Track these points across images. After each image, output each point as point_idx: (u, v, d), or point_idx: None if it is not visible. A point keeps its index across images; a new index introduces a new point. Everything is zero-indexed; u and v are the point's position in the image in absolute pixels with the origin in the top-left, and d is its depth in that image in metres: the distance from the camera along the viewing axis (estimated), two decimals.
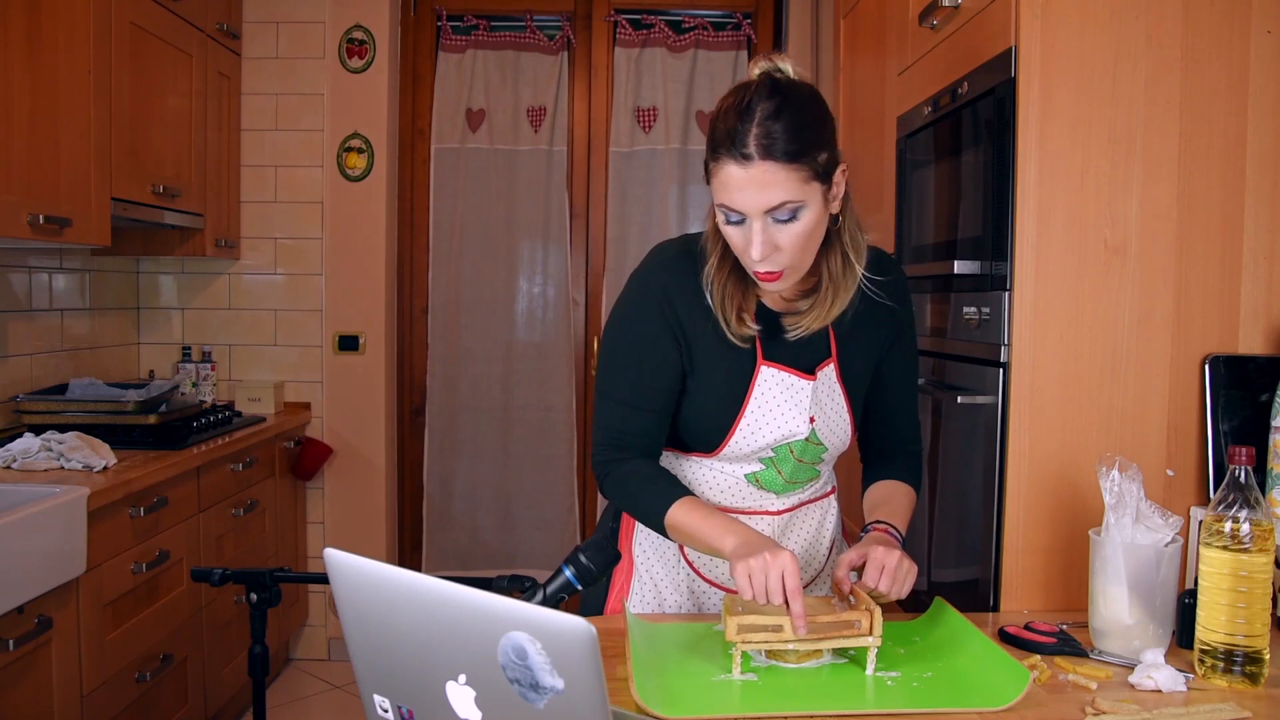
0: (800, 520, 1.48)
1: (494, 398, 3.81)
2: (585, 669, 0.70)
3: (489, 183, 3.77)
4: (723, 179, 1.22)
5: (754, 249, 1.22)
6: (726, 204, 1.23)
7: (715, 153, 1.23)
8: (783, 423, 1.37)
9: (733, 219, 1.24)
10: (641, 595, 1.48)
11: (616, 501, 1.43)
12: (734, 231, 1.25)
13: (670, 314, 1.35)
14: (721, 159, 1.21)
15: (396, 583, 0.79)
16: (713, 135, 1.24)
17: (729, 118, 1.22)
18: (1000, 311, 1.55)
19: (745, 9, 3.79)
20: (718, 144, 1.22)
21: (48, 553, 1.96)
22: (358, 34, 3.52)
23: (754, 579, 1.20)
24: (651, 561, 1.49)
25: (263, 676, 1.86)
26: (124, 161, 2.66)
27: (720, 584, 1.47)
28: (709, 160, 1.25)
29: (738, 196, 1.21)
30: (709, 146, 1.25)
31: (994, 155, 1.58)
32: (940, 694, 1.16)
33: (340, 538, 3.59)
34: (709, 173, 1.25)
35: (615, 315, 1.40)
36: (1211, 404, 1.50)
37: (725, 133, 1.21)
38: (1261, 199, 1.51)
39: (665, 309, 1.35)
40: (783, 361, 1.37)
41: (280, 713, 3.17)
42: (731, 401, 1.37)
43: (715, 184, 1.24)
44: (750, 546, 1.23)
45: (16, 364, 2.78)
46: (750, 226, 1.22)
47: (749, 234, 1.23)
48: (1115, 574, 1.29)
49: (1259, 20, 1.50)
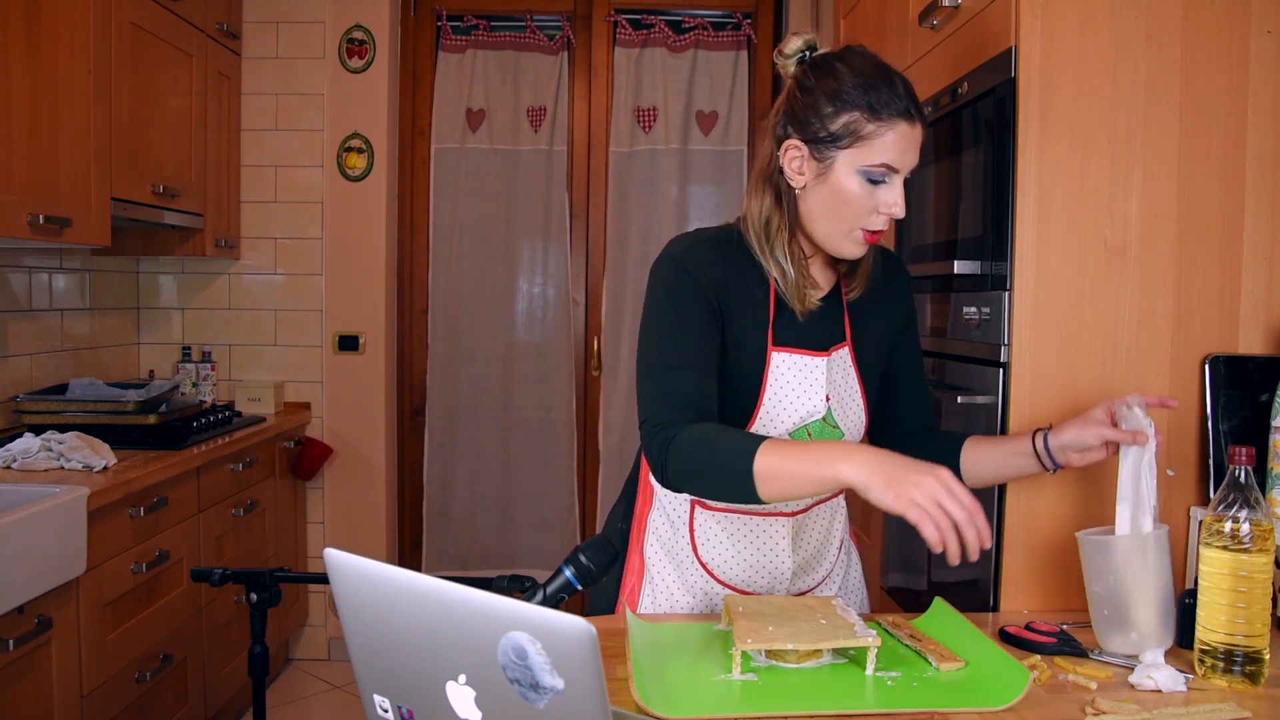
0: (813, 521, 1.49)
1: (494, 398, 3.81)
2: (585, 669, 0.70)
3: (489, 183, 3.77)
4: (891, 138, 1.27)
5: (899, 207, 1.29)
6: (888, 162, 1.28)
7: (879, 113, 1.26)
8: (800, 404, 1.38)
9: (877, 178, 1.28)
10: (653, 597, 1.48)
11: (685, 466, 1.25)
12: (869, 193, 1.29)
13: (707, 288, 1.35)
14: (893, 119, 1.26)
15: (396, 583, 0.79)
16: (863, 97, 1.27)
17: (877, 82, 1.27)
18: (1000, 311, 1.55)
19: (745, 9, 3.79)
20: (882, 105, 1.26)
21: (48, 553, 1.96)
22: (358, 34, 3.52)
23: (932, 514, 1.07)
24: (664, 564, 1.48)
25: (263, 676, 1.86)
26: (124, 161, 2.66)
27: (734, 585, 1.46)
28: (863, 122, 1.27)
29: (901, 155, 1.28)
30: (861, 108, 1.27)
31: (994, 155, 1.58)
32: (940, 694, 1.16)
33: (340, 538, 3.59)
34: (857, 135, 1.27)
35: (653, 296, 1.37)
36: (1211, 404, 1.50)
37: (889, 94, 1.26)
38: (1261, 199, 1.51)
39: (702, 283, 1.35)
40: (793, 345, 1.38)
41: (280, 713, 3.17)
42: (748, 391, 1.38)
43: (876, 144, 1.27)
44: (884, 471, 1.11)
45: (16, 364, 2.78)
46: (894, 186, 1.29)
47: (893, 193, 1.29)
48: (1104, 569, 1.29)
49: (1259, 20, 1.50)
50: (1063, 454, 1.35)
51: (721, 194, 3.81)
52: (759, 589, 1.46)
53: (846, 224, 1.32)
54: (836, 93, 1.28)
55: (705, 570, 1.46)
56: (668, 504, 1.47)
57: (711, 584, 1.46)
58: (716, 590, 1.47)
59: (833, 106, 1.28)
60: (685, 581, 1.47)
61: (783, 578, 1.46)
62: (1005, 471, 1.42)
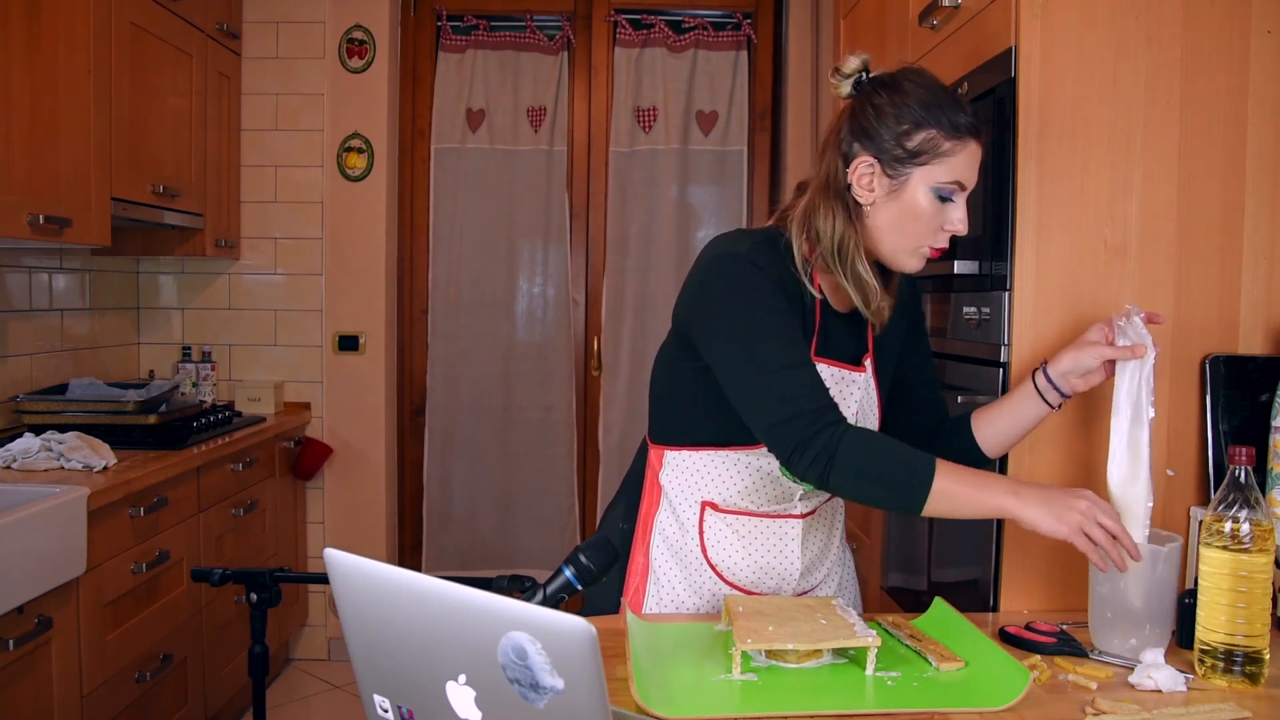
0: (819, 521, 1.50)
1: (494, 398, 3.81)
2: (585, 669, 0.70)
3: (489, 183, 3.77)
4: (964, 157, 1.30)
5: (964, 224, 1.32)
6: (961, 180, 1.31)
7: (958, 132, 1.29)
8: None
9: (946, 195, 1.31)
10: (658, 598, 1.48)
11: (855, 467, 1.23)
12: (938, 210, 1.31)
13: (781, 285, 1.34)
14: (967, 138, 1.30)
15: (396, 583, 0.79)
16: (943, 117, 1.29)
17: (949, 103, 1.30)
18: (1000, 311, 1.55)
19: (745, 9, 3.79)
20: (960, 125, 1.29)
21: (48, 553, 1.96)
22: (358, 34, 3.52)
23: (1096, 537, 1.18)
24: (669, 565, 1.48)
25: (263, 676, 1.86)
26: (124, 161, 2.66)
27: (742, 586, 1.46)
28: (940, 140, 1.29)
29: (971, 172, 1.32)
30: (939, 126, 1.29)
31: (994, 155, 1.58)
32: (940, 694, 1.16)
33: (340, 538, 3.59)
34: (934, 153, 1.29)
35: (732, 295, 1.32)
36: (1211, 404, 1.50)
37: (961, 114, 1.30)
38: (1261, 199, 1.51)
39: (776, 280, 1.33)
40: (832, 357, 1.40)
41: (280, 713, 3.17)
42: None
43: (951, 162, 1.29)
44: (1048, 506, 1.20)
45: (16, 364, 2.78)
46: (960, 204, 1.32)
47: (960, 210, 1.32)
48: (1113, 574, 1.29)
49: (1259, 20, 1.50)
50: (1065, 381, 1.36)
51: (721, 194, 3.81)
52: (767, 589, 1.46)
53: (914, 240, 1.33)
54: (913, 111, 1.30)
55: (714, 571, 1.46)
56: (677, 503, 1.47)
57: (719, 585, 1.47)
58: (724, 591, 1.47)
59: (910, 124, 1.29)
60: (691, 583, 1.47)
61: (791, 578, 1.47)
62: (1018, 422, 1.42)
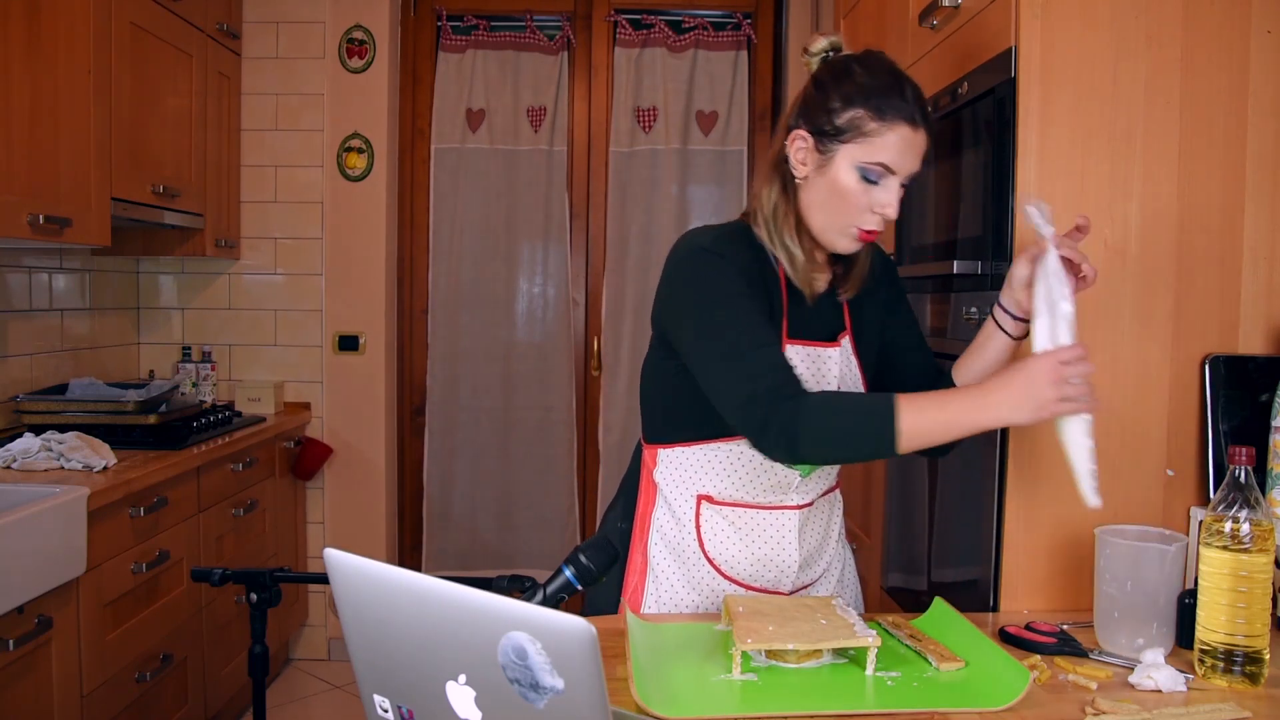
0: (816, 513, 1.50)
1: (494, 398, 3.81)
2: (585, 669, 0.70)
3: (489, 183, 3.77)
4: (890, 139, 1.30)
5: (894, 209, 1.32)
6: (885, 162, 1.31)
7: (883, 113, 1.30)
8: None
9: (873, 177, 1.31)
10: (657, 596, 1.48)
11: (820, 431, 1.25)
12: (864, 191, 1.32)
13: (744, 270, 1.37)
14: (894, 120, 1.30)
15: (396, 583, 0.79)
16: (870, 96, 1.30)
17: (886, 84, 1.31)
18: None
19: (745, 9, 3.79)
20: (886, 105, 1.30)
21: (48, 553, 1.96)
22: (358, 34, 3.52)
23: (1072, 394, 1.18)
24: (668, 562, 1.48)
25: (263, 676, 1.86)
26: (124, 161, 2.66)
27: (740, 580, 1.46)
28: (866, 120, 1.30)
29: (900, 157, 1.31)
30: (866, 106, 1.30)
31: (994, 155, 1.58)
32: (940, 694, 1.16)
33: (340, 538, 3.59)
34: (859, 131, 1.31)
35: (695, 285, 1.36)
36: (1211, 404, 1.50)
37: (895, 96, 1.30)
38: (1261, 199, 1.51)
39: (739, 266, 1.36)
40: (805, 337, 1.42)
41: (280, 713, 3.17)
42: None
43: (876, 142, 1.30)
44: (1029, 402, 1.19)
45: (16, 364, 2.78)
46: (889, 188, 1.32)
47: (888, 194, 1.32)
48: (1121, 573, 1.29)
49: (1259, 20, 1.50)
50: (1013, 302, 1.38)
51: (721, 194, 3.81)
52: (765, 583, 1.47)
53: (841, 219, 1.35)
54: (846, 89, 1.32)
55: (712, 566, 1.47)
56: (673, 499, 1.47)
57: (718, 580, 1.47)
58: (722, 586, 1.47)
59: (840, 102, 1.32)
60: (690, 579, 1.47)
61: (789, 571, 1.47)
62: (989, 358, 1.44)
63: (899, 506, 2.09)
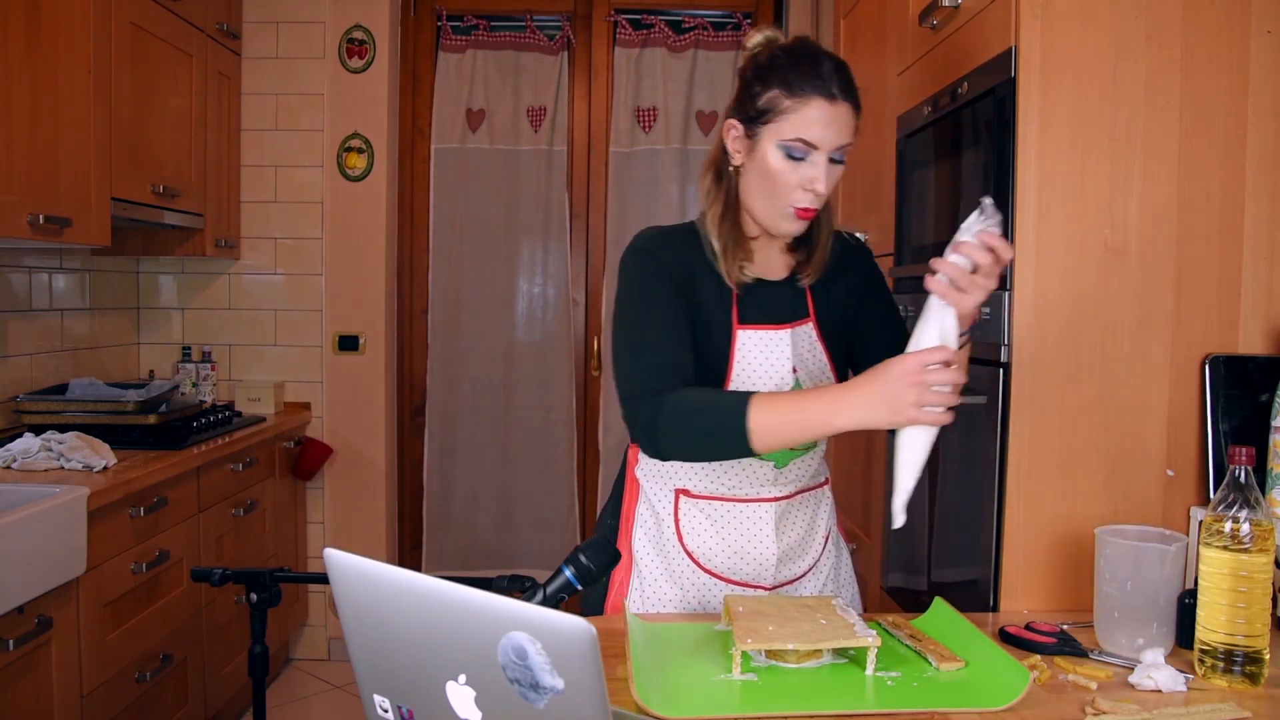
0: (797, 508, 1.50)
1: (494, 398, 3.81)
2: (585, 669, 0.70)
3: (489, 183, 3.77)
4: (806, 115, 1.31)
5: (821, 183, 1.33)
6: (805, 138, 1.32)
7: (795, 90, 1.32)
8: (768, 376, 1.42)
9: (797, 154, 1.33)
10: (641, 590, 1.49)
11: (676, 431, 1.29)
12: (791, 168, 1.34)
13: (671, 268, 1.42)
14: (807, 96, 1.31)
15: (396, 583, 0.79)
16: (785, 76, 1.33)
17: (800, 63, 1.33)
18: (1000, 311, 1.55)
19: (745, 9, 3.79)
20: (797, 82, 1.32)
21: (48, 553, 1.96)
22: (358, 34, 3.52)
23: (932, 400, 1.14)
24: (651, 556, 1.49)
25: (263, 676, 1.86)
26: (124, 161, 2.66)
27: (718, 573, 1.47)
28: (780, 98, 1.33)
29: (819, 131, 1.31)
30: (780, 85, 1.33)
31: (994, 155, 1.58)
32: (940, 694, 1.16)
33: (340, 538, 3.59)
34: (775, 111, 1.33)
35: (623, 286, 1.44)
36: (1211, 404, 1.50)
37: (808, 72, 1.32)
38: (1261, 199, 1.51)
39: (664, 263, 1.42)
40: (757, 322, 1.44)
41: (280, 713, 3.17)
42: (717, 368, 1.42)
43: (791, 119, 1.32)
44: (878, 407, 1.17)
45: (16, 364, 2.78)
46: (815, 163, 1.33)
47: (814, 170, 1.33)
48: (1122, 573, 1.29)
49: (1259, 20, 1.50)
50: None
51: None
52: (744, 577, 1.47)
53: (776, 200, 1.37)
54: (765, 73, 1.35)
55: (690, 559, 1.48)
56: (652, 495, 1.49)
57: (697, 573, 1.48)
58: (702, 580, 1.48)
59: (760, 85, 1.35)
60: (672, 573, 1.48)
61: (767, 565, 1.47)
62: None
63: None
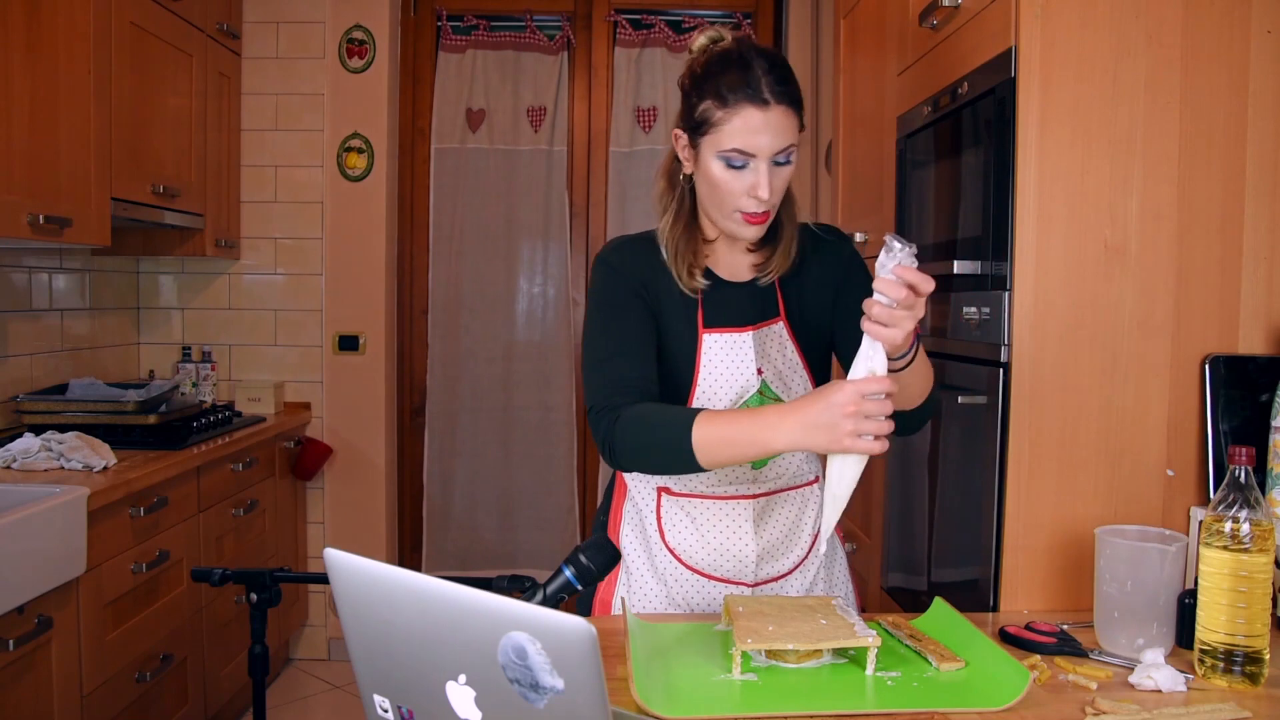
0: (777, 507, 1.50)
1: (494, 398, 3.81)
2: (585, 669, 0.70)
3: (489, 183, 3.77)
4: (738, 124, 1.29)
5: (763, 189, 1.30)
6: (741, 148, 1.30)
7: (726, 100, 1.30)
8: (733, 380, 1.42)
9: (737, 163, 1.31)
10: (629, 586, 1.50)
11: (630, 446, 1.31)
12: (733, 177, 1.32)
13: (633, 279, 1.43)
14: (739, 105, 1.29)
15: (396, 583, 0.79)
16: (715, 86, 1.31)
17: (730, 71, 1.30)
18: (1000, 311, 1.55)
19: (745, 9, 3.79)
20: (729, 92, 1.30)
21: (48, 553, 1.96)
22: (358, 34, 3.52)
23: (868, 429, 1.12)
24: (638, 552, 1.51)
25: (263, 676, 1.86)
26: (124, 161, 2.66)
27: (700, 569, 1.47)
28: (713, 109, 1.31)
29: (754, 139, 1.29)
30: (712, 96, 1.31)
31: (994, 155, 1.58)
32: (940, 694, 1.16)
33: (340, 538, 3.59)
34: (709, 122, 1.32)
35: (590, 300, 1.46)
36: (1211, 404, 1.50)
37: (738, 81, 1.29)
38: (1261, 199, 1.51)
39: (627, 276, 1.43)
40: (723, 325, 1.44)
41: (280, 713, 3.17)
42: (684, 373, 1.43)
43: (725, 130, 1.31)
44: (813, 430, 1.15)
45: (16, 364, 2.78)
46: (757, 170, 1.31)
47: (755, 176, 1.31)
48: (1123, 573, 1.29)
49: (1259, 20, 1.50)
50: None
51: None
52: (725, 574, 1.47)
53: (724, 207, 1.37)
54: (699, 82, 1.34)
55: (673, 556, 1.49)
56: (636, 492, 1.51)
57: (681, 570, 1.48)
58: (685, 576, 1.48)
59: (696, 96, 1.34)
60: (655, 569, 1.50)
61: (747, 562, 1.47)
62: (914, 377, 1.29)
63: (899, 506, 2.09)
